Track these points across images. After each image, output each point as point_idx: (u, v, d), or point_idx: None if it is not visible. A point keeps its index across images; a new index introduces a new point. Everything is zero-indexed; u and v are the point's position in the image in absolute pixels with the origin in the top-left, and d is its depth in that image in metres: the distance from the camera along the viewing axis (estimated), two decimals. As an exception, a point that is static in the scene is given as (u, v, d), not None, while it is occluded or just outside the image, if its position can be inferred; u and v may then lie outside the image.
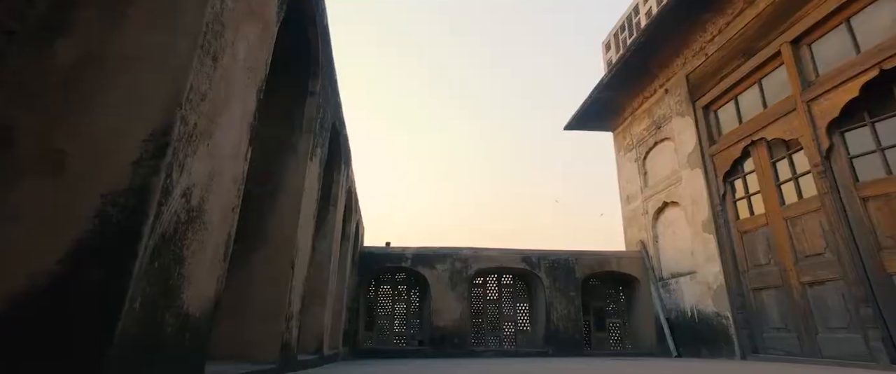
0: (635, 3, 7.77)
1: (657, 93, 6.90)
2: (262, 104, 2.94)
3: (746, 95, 5.47)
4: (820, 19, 4.42)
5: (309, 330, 3.52)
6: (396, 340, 6.33)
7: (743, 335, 4.89)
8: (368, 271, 6.44)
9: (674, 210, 6.35)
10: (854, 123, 4.04)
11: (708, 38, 5.93)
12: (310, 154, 3.16)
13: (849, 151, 4.06)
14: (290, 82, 3.22)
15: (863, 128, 3.98)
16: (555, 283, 6.29)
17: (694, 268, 5.75)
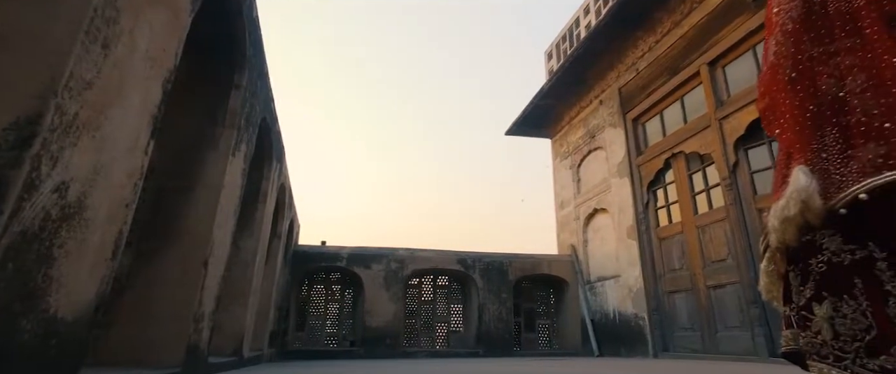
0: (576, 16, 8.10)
1: (592, 104, 7.22)
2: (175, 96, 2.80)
3: (670, 110, 5.85)
4: (732, 44, 4.81)
5: (227, 331, 3.39)
6: (328, 340, 6.21)
7: (656, 335, 5.23)
8: (302, 270, 6.28)
9: (603, 217, 6.67)
10: (756, 142, 4.43)
11: (639, 54, 6.28)
12: (232, 149, 3.05)
13: (751, 167, 4.45)
14: (213, 75, 3.09)
15: (762, 146, 4.38)
16: (488, 285, 6.42)
17: (618, 272, 6.07)
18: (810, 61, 1.26)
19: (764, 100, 1.43)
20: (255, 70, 3.48)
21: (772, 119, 1.36)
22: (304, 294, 6.44)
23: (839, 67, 1.18)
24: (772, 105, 1.39)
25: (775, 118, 1.35)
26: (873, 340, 0.87)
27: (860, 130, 1.05)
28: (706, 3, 5.21)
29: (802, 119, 1.24)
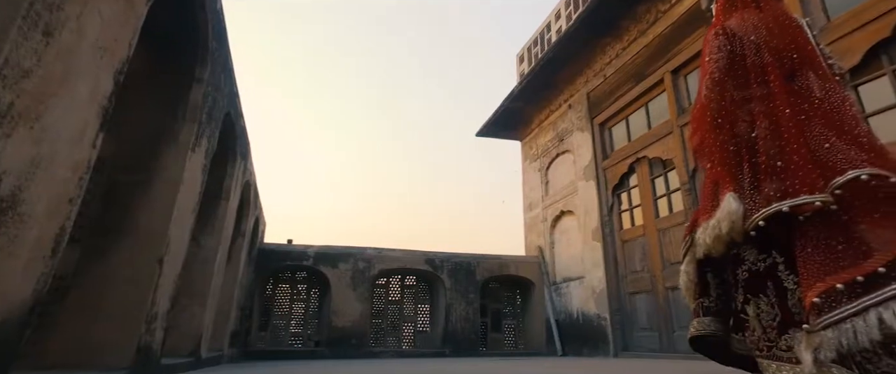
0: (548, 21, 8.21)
1: (562, 107, 7.34)
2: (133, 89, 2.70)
3: (636, 115, 6.01)
4: (693, 54, 4.97)
5: (184, 332, 3.29)
6: (292, 341, 6.11)
7: (617, 335, 5.36)
8: (267, 268, 6.15)
9: (569, 219, 6.80)
10: (715, 149, 4.59)
11: (607, 60, 6.42)
12: (193, 144, 2.96)
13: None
14: (174, 67, 2.99)
15: (721, 153, 4.55)
16: (456, 285, 6.45)
17: (583, 273, 6.19)
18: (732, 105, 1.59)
19: (696, 137, 1.72)
20: (218, 64, 3.39)
21: (702, 154, 1.67)
22: (269, 293, 6.32)
23: (752, 112, 1.52)
24: (702, 142, 1.70)
25: (705, 154, 1.65)
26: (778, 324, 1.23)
27: (764, 168, 1.37)
28: (670, 14, 5.38)
29: (727, 156, 1.52)
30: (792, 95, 1.63)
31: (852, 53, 3.38)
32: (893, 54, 3.21)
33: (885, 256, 1.29)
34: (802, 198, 1.43)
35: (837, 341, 1.26)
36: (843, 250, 1.38)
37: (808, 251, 1.42)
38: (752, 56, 1.73)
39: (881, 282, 1.26)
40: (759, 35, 1.78)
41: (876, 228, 1.37)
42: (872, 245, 1.35)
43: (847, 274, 1.31)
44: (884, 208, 1.40)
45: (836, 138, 1.56)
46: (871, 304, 1.24)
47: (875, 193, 1.41)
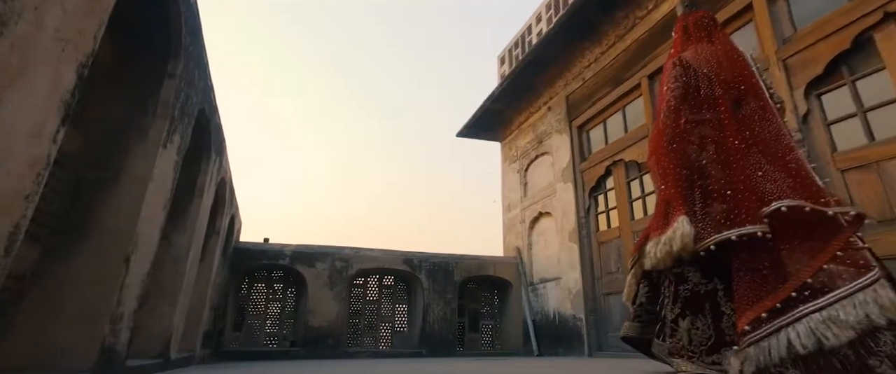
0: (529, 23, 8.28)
1: (541, 110, 7.41)
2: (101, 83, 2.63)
3: (613, 119, 6.10)
4: (670, 60, 5.09)
5: (153, 332, 3.22)
6: (267, 341, 6.02)
7: (592, 335, 5.44)
8: (242, 267, 6.06)
9: (547, 220, 6.86)
10: (688, 153, 4.70)
11: (586, 64, 6.50)
12: (164, 141, 2.90)
13: (682, 177, 4.72)
14: (145, 62, 2.92)
15: (693, 158, 4.65)
16: (434, 285, 6.45)
17: (559, 274, 6.26)
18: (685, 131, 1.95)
19: (652, 158, 2.13)
20: (192, 59, 3.32)
21: (657, 175, 2.07)
22: (244, 293, 6.22)
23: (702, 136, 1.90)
24: (657, 164, 2.10)
25: (660, 175, 2.05)
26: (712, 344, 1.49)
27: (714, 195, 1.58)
28: (647, 20, 5.48)
29: (679, 180, 1.75)
30: (738, 124, 1.93)
31: (816, 63, 3.50)
32: (853, 65, 3.34)
33: (796, 281, 1.56)
34: (747, 228, 1.69)
35: (757, 357, 1.53)
36: (767, 273, 1.63)
37: (742, 278, 1.66)
38: (705, 87, 2.07)
39: (791, 305, 1.54)
40: (711, 68, 2.14)
41: (793, 251, 1.64)
42: (788, 268, 1.61)
43: (769, 302, 1.58)
44: (798, 234, 1.66)
45: (769, 165, 1.83)
46: (783, 324, 1.53)
47: (793, 221, 1.68)
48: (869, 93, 3.23)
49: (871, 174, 3.10)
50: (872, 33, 3.17)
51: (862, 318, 1.44)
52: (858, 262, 1.60)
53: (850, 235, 1.68)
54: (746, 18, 4.37)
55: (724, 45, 2.30)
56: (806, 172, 1.82)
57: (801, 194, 1.75)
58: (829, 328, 1.43)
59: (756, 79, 2.14)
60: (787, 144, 1.91)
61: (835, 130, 3.44)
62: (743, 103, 2.04)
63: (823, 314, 1.47)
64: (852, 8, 3.31)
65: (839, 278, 1.54)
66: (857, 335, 1.43)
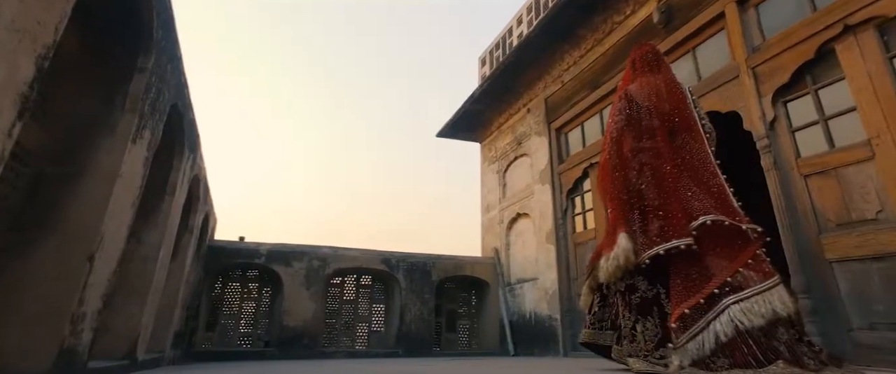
0: (510, 26, 8.33)
1: (521, 111, 7.47)
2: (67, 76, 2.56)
3: (591, 122, 6.19)
4: (645, 66, 5.18)
5: (119, 332, 3.14)
6: (241, 341, 5.93)
7: (567, 335, 5.51)
8: (216, 266, 5.95)
9: (525, 221, 6.92)
10: (661, 157, 4.80)
11: (565, 67, 6.58)
12: (133, 136, 2.83)
13: (656, 180, 4.82)
14: (113, 55, 2.85)
15: (666, 161, 4.76)
16: (411, 285, 6.44)
17: (536, 275, 6.32)
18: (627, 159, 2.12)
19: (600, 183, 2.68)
20: (164, 53, 3.25)
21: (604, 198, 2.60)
22: (218, 292, 6.11)
23: (642, 163, 2.03)
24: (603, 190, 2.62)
25: (606, 198, 2.20)
26: (658, 341, 1.90)
27: (648, 213, 1.95)
28: (624, 25, 5.58)
29: (621, 203, 2.15)
30: (672, 151, 2.28)
31: (783, 71, 3.61)
32: (817, 74, 3.46)
33: (718, 280, 1.93)
34: (673, 243, 2.06)
35: (693, 351, 1.87)
36: (695, 277, 1.99)
37: (676, 282, 2.02)
38: (646, 119, 2.44)
39: (715, 301, 1.90)
40: (651, 101, 2.48)
41: (715, 258, 2.02)
42: (712, 271, 1.97)
43: (694, 299, 1.93)
44: (720, 243, 2.04)
45: (697, 188, 2.21)
46: (711, 319, 1.87)
47: (715, 233, 2.06)
48: (830, 102, 3.35)
49: (830, 180, 3.21)
50: (834, 45, 3.29)
51: (770, 310, 1.86)
52: (764, 269, 2.01)
53: (758, 247, 2.09)
54: (719, 26, 4.48)
55: (666, 79, 2.67)
56: (726, 195, 2.23)
57: (722, 212, 2.13)
58: (745, 316, 1.84)
59: (690, 111, 2.52)
60: (711, 171, 2.31)
61: (799, 137, 3.55)
62: (677, 133, 2.42)
63: (742, 305, 1.87)
64: (816, 19, 3.43)
65: (751, 280, 1.95)
66: (766, 323, 1.84)
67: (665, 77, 2.69)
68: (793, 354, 1.79)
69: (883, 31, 3.06)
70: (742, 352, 1.78)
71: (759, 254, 2.06)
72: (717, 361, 1.82)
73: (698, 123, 2.51)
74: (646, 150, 2.36)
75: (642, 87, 2.64)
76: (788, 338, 1.82)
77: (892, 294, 2.78)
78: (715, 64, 4.48)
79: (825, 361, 1.87)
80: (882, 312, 2.81)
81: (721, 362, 1.81)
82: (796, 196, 3.44)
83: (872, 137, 2.99)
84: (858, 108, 3.10)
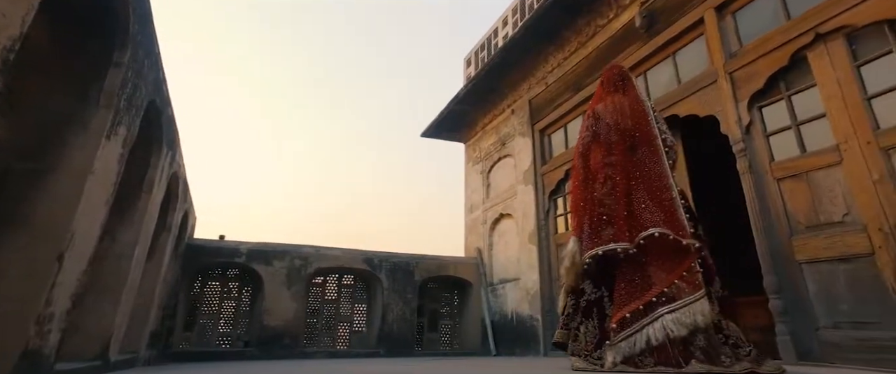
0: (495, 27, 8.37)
1: (505, 112, 7.50)
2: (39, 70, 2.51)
3: (573, 124, 6.24)
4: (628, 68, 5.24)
5: (90, 333, 3.08)
6: (220, 341, 5.85)
7: (547, 335, 5.55)
8: (195, 265, 5.87)
9: (508, 222, 6.96)
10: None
11: (549, 69, 6.63)
12: (107, 132, 2.78)
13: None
14: (89, 50, 2.79)
15: (646, 164, 4.83)
16: (394, 285, 6.43)
17: (518, 275, 6.36)
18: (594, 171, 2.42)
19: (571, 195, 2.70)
20: (140, 48, 3.19)
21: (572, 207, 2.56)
22: (197, 292, 6.02)
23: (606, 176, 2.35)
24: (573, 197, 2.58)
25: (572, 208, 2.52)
26: (597, 342, 2.21)
27: (606, 220, 2.28)
28: (607, 28, 5.64)
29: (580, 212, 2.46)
30: (631, 165, 2.51)
31: (758, 78, 3.69)
32: (790, 81, 3.54)
33: (657, 289, 2.17)
34: (611, 246, 2.30)
35: (625, 349, 2.15)
36: (638, 283, 2.24)
37: (621, 286, 2.28)
38: (608, 134, 2.68)
39: (652, 309, 2.16)
40: (614, 119, 2.71)
41: (658, 269, 2.25)
42: (653, 280, 2.21)
43: (634, 305, 2.19)
44: (663, 254, 2.27)
45: (650, 201, 2.42)
46: (646, 323, 2.14)
47: (660, 244, 2.28)
48: (803, 107, 3.44)
49: (801, 183, 3.30)
50: (806, 52, 3.38)
51: (693, 321, 2.10)
52: (695, 282, 2.23)
53: (693, 260, 2.30)
54: (699, 32, 4.55)
55: (631, 98, 2.90)
56: (675, 209, 2.42)
57: (669, 225, 2.34)
58: (674, 325, 2.10)
59: (651, 127, 2.71)
60: (665, 184, 2.50)
61: (773, 141, 3.64)
62: (637, 148, 2.63)
63: (673, 315, 2.12)
64: (789, 27, 3.51)
65: (683, 292, 2.18)
66: (689, 332, 2.09)
67: (630, 96, 2.90)
68: (707, 356, 2.06)
69: (852, 40, 3.15)
70: (666, 354, 2.08)
71: (693, 266, 2.28)
72: (644, 359, 2.11)
73: (658, 139, 2.69)
74: (610, 164, 2.59)
75: (608, 105, 2.88)
76: (705, 343, 2.09)
77: (855, 294, 2.88)
78: (694, 69, 4.55)
79: (746, 359, 2.12)
80: (846, 311, 2.90)
81: (648, 360, 2.11)
82: (770, 199, 3.52)
83: (841, 143, 3.08)
84: (828, 114, 3.18)
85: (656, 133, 2.70)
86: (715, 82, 4.12)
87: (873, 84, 3.00)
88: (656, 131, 2.71)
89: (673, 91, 4.68)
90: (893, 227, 2.72)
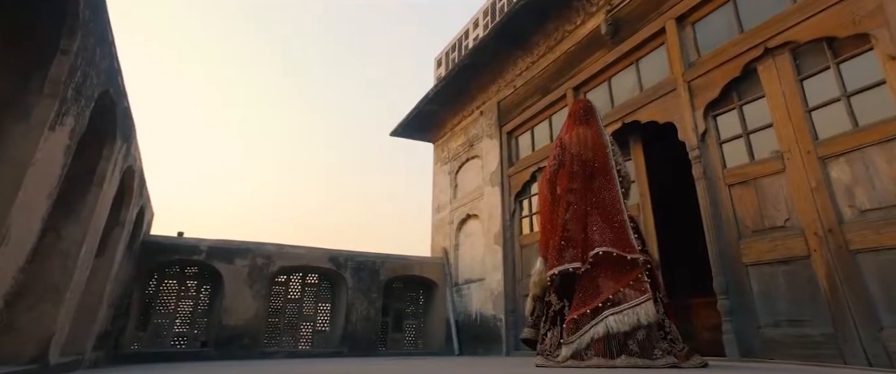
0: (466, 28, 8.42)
1: (474, 114, 7.55)
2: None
3: (540, 127, 6.34)
4: (592, 74, 5.38)
5: (28, 334, 2.93)
6: (176, 341, 5.67)
7: (510, 335, 5.62)
8: (151, 262, 5.66)
9: (474, 222, 7.01)
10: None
11: (518, 72, 6.70)
12: (51, 122, 2.66)
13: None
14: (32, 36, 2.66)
15: (608, 168, 4.94)
16: (359, 284, 6.38)
17: (483, 275, 6.41)
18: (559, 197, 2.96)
19: (540, 217, 3.25)
20: (92, 36, 3.06)
21: (541, 228, 3.19)
22: (152, 290, 5.81)
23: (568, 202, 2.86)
24: (541, 219, 3.14)
25: (542, 229, 3.12)
26: (558, 344, 2.74)
27: (568, 242, 2.82)
28: (575, 34, 5.75)
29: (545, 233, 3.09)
30: (589, 193, 2.93)
31: (713, 87, 3.84)
32: (742, 91, 3.70)
33: (604, 296, 2.59)
34: (565, 266, 2.79)
35: (575, 346, 2.59)
36: (590, 292, 2.68)
37: (578, 295, 2.72)
38: (571, 164, 3.06)
39: (598, 312, 2.58)
40: (577, 150, 3.09)
41: (606, 280, 2.66)
42: (602, 289, 2.64)
43: (584, 309, 2.63)
44: (612, 268, 2.69)
45: (603, 223, 2.83)
46: (593, 324, 2.57)
47: (607, 260, 2.71)
48: (753, 117, 3.60)
49: (750, 189, 3.45)
50: (756, 65, 3.54)
51: (635, 320, 2.49)
52: (642, 289, 2.60)
53: (640, 272, 2.67)
54: (660, 41, 4.69)
55: (593, 131, 3.23)
56: (625, 230, 2.80)
57: (618, 244, 2.74)
58: (617, 323, 2.50)
59: (608, 159, 3.08)
60: (617, 208, 2.89)
61: (726, 149, 3.79)
62: (595, 178, 3.01)
63: (617, 316, 2.52)
64: (742, 40, 3.67)
65: (629, 297, 2.57)
66: (630, 329, 2.48)
67: (593, 129, 3.23)
68: (642, 348, 2.44)
69: (796, 55, 3.32)
70: (603, 348, 2.48)
71: (640, 277, 2.65)
72: (587, 353, 2.53)
73: (614, 169, 3.05)
74: (572, 191, 2.98)
75: (573, 137, 3.23)
76: (644, 338, 2.46)
77: (793, 294, 3.05)
78: (656, 76, 4.69)
79: (678, 355, 2.51)
80: (784, 310, 3.06)
81: (589, 353, 2.53)
82: (721, 204, 3.67)
83: (784, 152, 3.24)
84: (774, 124, 3.35)
85: (612, 165, 3.06)
86: (674, 90, 4.26)
87: (814, 97, 3.18)
88: (613, 163, 3.07)
89: (636, 97, 4.81)
90: (827, 231, 2.89)
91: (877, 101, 2.83)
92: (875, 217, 2.74)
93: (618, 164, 3.12)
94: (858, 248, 2.77)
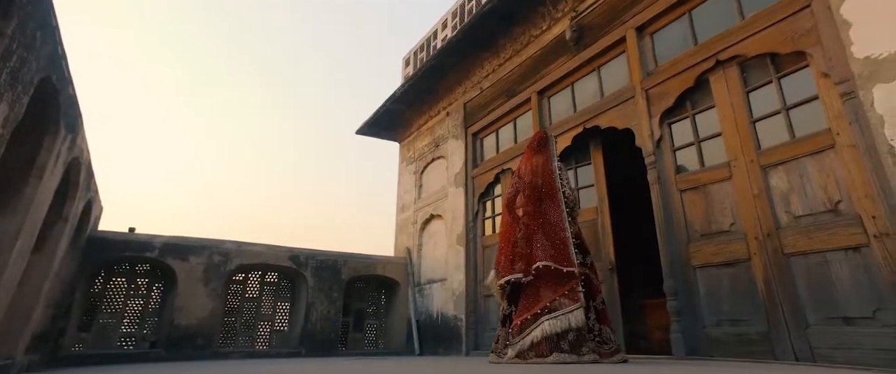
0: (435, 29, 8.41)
1: (440, 114, 7.56)
2: None
3: (505, 129, 6.41)
4: (556, 79, 5.47)
5: (-47, 333, 2.73)
6: (122, 341, 5.42)
7: (470, 335, 5.66)
8: (98, 260, 5.39)
9: (438, 223, 7.01)
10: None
11: (484, 74, 6.75)
12: (-19, 109, 2.49)
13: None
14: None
15: (570, 171, 5.04)
16: (320, 283, 6.27)
17: (446, 276, 6.42)
18: (515, 219, 3.57)
19: (500, 236, 3.63)
20: (31, 18, 2.89)
21: (499, 244, 3.68)
22: (98, 289, 5.53)
23: (523, 223, 3.44)
24: (500, 236, 3.70)
25: (500, 245, 3.63)
26: (504, 343, 3.31)
27: (518, 257, 3.37)
28: (541, 39, 5.84)
29: (500, 249, 3.64)
30: (538, 214, 3.39)
31: (669, 96, 3.97)
32: (695, 101, 3.85)
33: (543, 303, 3.07)
34: (512, 276, 3.27)
35: (519, 347, 3.05)
36: (533, 299, 3.13)
37: (523, 302, 3.17)
38: (525, 190, 3.53)
39: (538, 317, 3.04)
40: (529, 178, 3.55)
41: (546, 289, 3.11)
42: (542, 297, 3.10)
43: (526, 315, 3.09)
44: (552, 279, 3.13)
45: (546, 241, 3.27)
46: (534, 328, 3.02)
47: (547, 273, 3.14)
48: (704, 126, 3.75)
49: (700, 195, 3.60)
50: (708, 76, 3.69)
51: (567, 323, 2.96)
52: (575, 298, 3.06)
53: (576, 283, 3.12)
54: (621, 49, 4.82)
55: (544, 159, 3.64)
56: (566, 247, 3.24)
57: (558, 258, 3.17)
58: (551, 327, 2.96)
59: (556, 184, 3.51)
60: (561, 227, 3.33)
61: (679, 155, 3.93)
62: (543, 201, 3.45)
63: (552, 321, 2.97)
64: (696, 52, 3.82)
65: (564, 305, 3.03)
66: (562, 330, 2.94)
67: (544, 157, 3.64)
68: (572, 346, 2.89)
69: (744, 68, 3.48)
70: (541, 348, 2.94)
71: (574, 286, 3.09)
72: (529, 353, 2.97)
73: (560, 193, 3.47)
74: (525, 213, 3.45)
75: (528, 166, 3.65)
76: (574, 338, 2.92)
77: (735, 295, 3.20)
78: (617, 83, 4.81)
79: (604, 352, 2.98)
80: (727, 310, 3.21)
81: (530, 353, 2.96)
82: (673, 208, 3.80)
83: (731, 160, 3.39)
84: (723, 133, 3.50)
85: (559, 188, 3.49)
86: (633, 98, 4.39)
87: (758, 109, 3.34)
88: (559, 186, 3.50)
89: (597, 103, 4.92)
90: (766, 236, 3.05)
91: (811, 114, 3.01)
92: (807, 223, 2.92)
93: (564, 186, 3.56)
94: (792, 251, 2.94)
